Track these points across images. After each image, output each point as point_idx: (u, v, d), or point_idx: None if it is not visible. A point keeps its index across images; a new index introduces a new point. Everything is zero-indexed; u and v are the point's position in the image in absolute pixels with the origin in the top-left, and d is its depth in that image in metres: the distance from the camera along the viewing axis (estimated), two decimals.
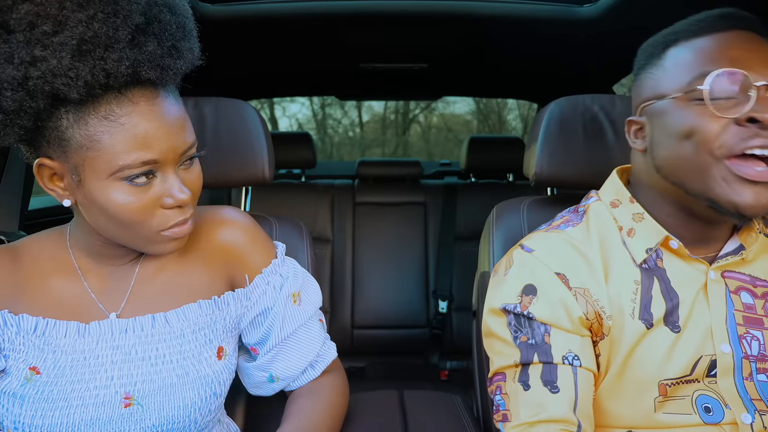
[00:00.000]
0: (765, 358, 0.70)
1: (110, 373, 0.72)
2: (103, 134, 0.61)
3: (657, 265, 0.76)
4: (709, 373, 0.70)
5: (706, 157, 0.67)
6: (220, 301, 0.80)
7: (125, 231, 0.68)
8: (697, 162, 0.68)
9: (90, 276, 0.76)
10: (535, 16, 1.53)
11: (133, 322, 0.74)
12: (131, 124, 0.62)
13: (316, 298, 0.89)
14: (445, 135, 7.53)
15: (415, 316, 2.25)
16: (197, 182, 0.72)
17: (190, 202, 0.69)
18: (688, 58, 0.70)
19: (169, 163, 0.66)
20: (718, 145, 0.66)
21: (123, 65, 0.60)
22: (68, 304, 0.74)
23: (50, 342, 0.71)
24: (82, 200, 0.67)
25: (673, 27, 0.76)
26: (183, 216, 0.69)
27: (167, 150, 0.65)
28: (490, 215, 1.10)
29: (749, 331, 0.72)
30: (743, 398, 0.69)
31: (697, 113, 0.68)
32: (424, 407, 0.99)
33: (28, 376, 0.70)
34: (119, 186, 0.64)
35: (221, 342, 0.79)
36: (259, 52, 1.83)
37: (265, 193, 2.26)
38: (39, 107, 0.60)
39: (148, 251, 0.72)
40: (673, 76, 0.71)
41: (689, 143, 0.68)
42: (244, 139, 1.08)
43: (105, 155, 0.62)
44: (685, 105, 0.69)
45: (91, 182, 0.64)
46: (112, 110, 0.62)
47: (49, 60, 0.58)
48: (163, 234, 0.69)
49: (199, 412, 0.75)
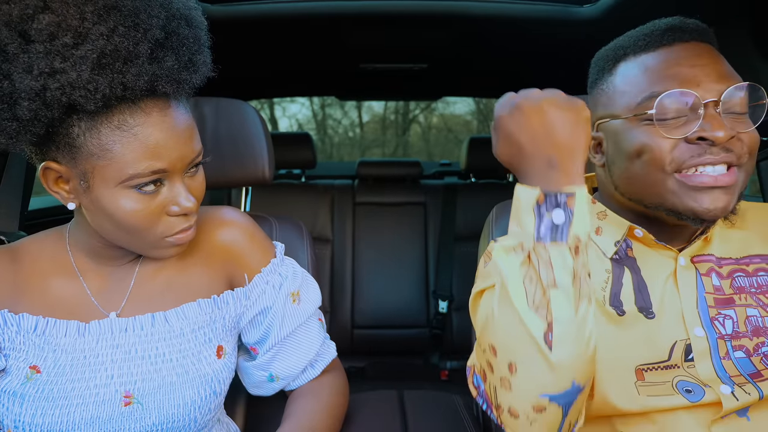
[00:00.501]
0: (739, 335, 0.72)
1: (110, 372, 0.72)
2: (115, 143, 0.62)
3: (627, 255, 0.78)
4: (686, 357, 0.72)
5: (658, 173, 0.69)
6: (219, 300, 0.80)
7: (130, 236, 0.69)
8: (650, 179, 0.70)
9: (89, 276, 0.76)
10: (535, 17, 1.53)
11: (132, 321, 0.75)
12: (144, 135, 0.63)
13: (316, 297, 0.89)
14: (445, 135, 7.54)
15: (415, 316, 2.25)
16: (201, 189, 0.73)
17: (195, 210, 0.70)
18: (637, 77, 0.71)
19: (177, 171, 0.67)
20: (668, 162, 0.68)
21: (142, 80, 0.60)
22: (68, 304, 0.74)
23: (50, 341, 0.72)
24: (88, 205, 0.67)
25: (622, 39, 0.77)
26: (188, 223, 0.71)
27: (176, 159, 0.66)
28: (489, 215, 1.11)
29: (720, 312, 0.73)
30: (721, 377, 0.70)
31: (647, 132, 0.69)
32: (424, 407, 1.00)
33: (29, 375, 0.70)
34: (128, 194, 0.64)
35: (221, 341, 0.80)
36: (259, 52, 1.83)
37: (265, 193, 2.26)
38: (53, 116, 0.60)
39: (150, 255, 0.72)
40: (623, 96, 0.72)
41: (640, 162, 0.71)
42: (244, 139, 1.08)
43: (116, 164, 0.62)
44: (635, 125, 0.71)
45: (100, 189, 0.64)
46: (126, 120, 0.62)
47: (69, 72, 0.58)
48: (167, 240, 0.70)
49: (198, 411, 0.75)
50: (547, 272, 0.57)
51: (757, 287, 0.75)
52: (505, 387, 0.61)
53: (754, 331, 0.72)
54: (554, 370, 0.57)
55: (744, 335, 0.72)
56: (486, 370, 0.65)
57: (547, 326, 0.57)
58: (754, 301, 0.74)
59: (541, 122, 0.58)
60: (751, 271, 0.76)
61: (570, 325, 0.57)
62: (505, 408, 0.62)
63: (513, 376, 0.60)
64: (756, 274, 0.76)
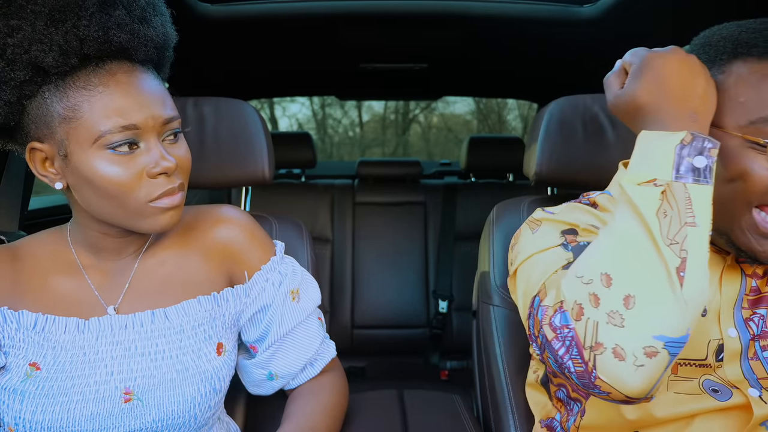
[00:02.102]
0: (766, 335, 0.71)
1: (110, 369, 0.72)
2: (83, 103, 0.64)
3: None
4: (717, 357, 0.71)
5: (743, 205, 0.66)
6: (219, 297, 0.80)
7: (114, 205, 0.68)
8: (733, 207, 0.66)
9: (91, 271, 0.76)
10: (535, 16, 1.53)
11: (132, 318, 0.75)
12: (108, 92, 0.65)
13: (315, 296, 0.89)
14: (445, 135, 7.53)
15: (415, 316, 2.25)
16: (185, 158, 0.72)
17: (177, 170, 0.70)
18: (759, 89, 0.64)
19: (150, 131, 0.67)
20: (760, 195, 0.64)
21: (93, 29, 0.63)
22: (69, 300, 0.74)
23: (50, 338, 0.72)
24: (72, 180, 0.68)
25: (742, 31, 0.68)
26: (171, 185, 0.69)
27: (146, 117, 0.66)
28: (490, 215, 1.11)
29: (755, 312, 0.72)
30: (749, 379, 0.69)
31: (753, 158, 0.64)
32: (424, 407, 1.00)
33: (28, 372, 0.70)
34: (103, 155, 0.65)
35: (220, 338, 0.80)
36: (259, 52, 1.83)
37: (265, 193, 2.26)
38: (20, 78, 0.63)
39: (142, 228, 0.70)
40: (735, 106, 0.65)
41: (732, 186, 0.66)
42: (244, 139, 1.08)
43: (85, 123, 0.64)
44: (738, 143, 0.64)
45: (77, 154, 0.65)
46: (90, 80, 0.65)
47: (24, 28, 0.62)
48: (152, 206, 0.68)
49: (198, 408, 0.75)
50: (686, 210, 0.58)
51: None
52: (615, 322, 0.57)
53: None
54: (681, 307, 0.56)
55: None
56: (586, 304, 0.60)
57: (681, 262, 0.57)
58: None
59: (693, 75, 0.62)
60: None
61: (703, 266, 0.57)
62: (609, 347, 0.57)
63: (629, 310, 0.57)
64: None
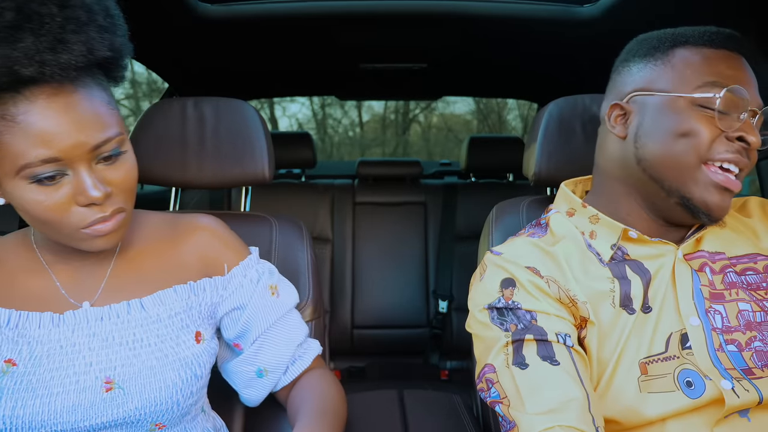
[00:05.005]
0: (731, 330, 0.74)
1: (89, 360, 0.72)
2: (4, 134, 0.61)
3: (625, 260, 0.80)
4: (684, 346, 0.73)
5: (694, 158, 0.73)
6: (195, 287, 0.81)
7: (48, 229, 0.67)
8: (684, 161, 0.74)
9: (57, 269, 0.76)
10: (534, 16, 1.53)
11: (108, 310, 0.75)
12: (27, 123, 0.61)
13: (294, 295, 0.91)
14: (445, 135, 7.54)
15: (415, 316, 2.25)
16: (125, 179, 0.69)
17: (107, 199, 0.67)
18: (700, 64, 0.75)
19: (78, 160, 0.64)
20: (706, 149, 0.73)
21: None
22: (40, 298, 0.74)
23: (24, 333, 0.72)
24: (9, 201, 0.67)
25: (679, 30, 0.80)
26: (101, 214, 0.67)
27: (71, 147, 0.62)
28: (489, 215, 1.11)
29: (712, 306, 0.75)
30: (718, 369, 0.71)
31: (699, 117, 0.73)
32: (424, 407, 1.00)
33: (4, 369, 0.70)
34: (28, 186, 0.63)
35: (198, 327, 0.80)
36: (258, 51, 1.83)
37: (265, 193, 2.26)
38: None
39: (82, 248, 0.70)
40: (682, 76, 0.76)
41: (683, 142, 0.74)
42: (244, 139, 1.08)
43: (8, 155, 0.62)
44: (687, 106, 0.74)
45: (5, 182, 0.64)
46: (8, 110, 0.61)
47: None
48: (83, 232, 0.67)
49: (180, 393, 0.75)
50: None
51: (748, 285, 0.77)
52: None
53: (746, 326, 0.74)
54: None
55: (736, 329, 0.73)
56: None
57: None
58: (747, 296, 0.76)
59: None
60: (739, 271, 0.79)
61: None
62: None
63: None
64: (744, 273, 0.78)
